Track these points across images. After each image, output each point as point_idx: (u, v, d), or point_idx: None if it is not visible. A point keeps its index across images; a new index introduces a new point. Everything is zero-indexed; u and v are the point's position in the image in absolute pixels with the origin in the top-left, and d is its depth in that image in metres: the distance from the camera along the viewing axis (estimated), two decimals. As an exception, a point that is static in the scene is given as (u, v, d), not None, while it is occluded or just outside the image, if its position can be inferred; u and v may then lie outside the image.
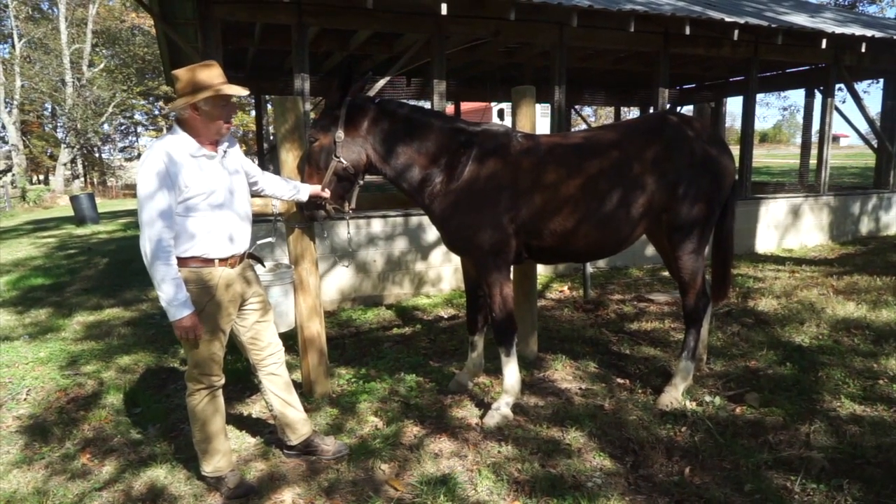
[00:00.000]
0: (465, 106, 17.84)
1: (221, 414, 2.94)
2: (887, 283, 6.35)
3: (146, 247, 2.53)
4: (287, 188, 3.31)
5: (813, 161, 10.96)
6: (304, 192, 3.38)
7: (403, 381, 4.18)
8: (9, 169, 29.21)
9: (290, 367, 3.79)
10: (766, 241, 9.08)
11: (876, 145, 10.32)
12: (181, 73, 2.67)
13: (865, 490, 2.74)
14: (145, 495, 2.95)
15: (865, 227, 10.02)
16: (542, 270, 7.46)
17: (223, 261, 2.75)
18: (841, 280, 6.60)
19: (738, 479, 2.88)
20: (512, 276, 3.93)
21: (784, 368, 4.18)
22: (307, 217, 3.63)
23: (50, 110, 31.25)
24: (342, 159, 3.40)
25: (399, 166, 3.52)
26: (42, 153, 32.59)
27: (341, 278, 6.40)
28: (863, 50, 8.45)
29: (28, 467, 3.25)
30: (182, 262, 2.64)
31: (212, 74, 2.66)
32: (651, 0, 7.74)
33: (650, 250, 7.70)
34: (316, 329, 3.90)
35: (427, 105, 6.83)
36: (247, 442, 3.45)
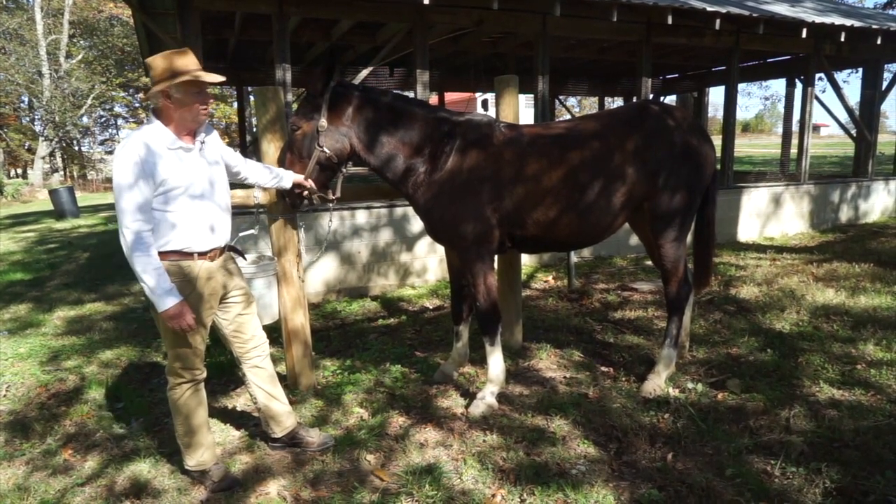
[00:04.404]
0: (450, 96, 17.78)
1: (204, 407, 2.92)
2: (865, 269, 6.45)
3: (125, 239, 2.50)
4: (269, 176, 3.26)
5: (794, 150, 11.08)
6: (287, 179, 3.33)
7: (389, 371, 4.18)
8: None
9: (275, 360, 3.76)
10: (748, 229, 9.18)
11: (855, 134, 10.45)
12: (152, 61, 2.61)
13: (843, 473, 2.79)
14: (129, 490, 2.93)
15: (845, 215, 10.16)
16: (527, 260, 7.49)
17: (203, 254, 2.72)
18: (821, 267, 6.69)
19: (720, 464, 2.92)
20: (496, 265, 3.94)
21: (765, 355, 4.23)
22: (290, 206, 3.60)
23: (27, 102, 30.64)
24: (325, 148, 3.37)
25: (383, 156, 3.49)
26: (19, 146, 31.97)
27: (326, 270, 6.37)
28: (842, 39, 8.53)
29: (8, 464, 3.21)
30: (162, 255, 2.61)
31: (185, 62, 2.60)
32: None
33: (634, 240, 7.75)
34: (300, 321, 3.88)
35: (411, 95, 6.80)
36: (231, 435, 3.43)
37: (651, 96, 9.86)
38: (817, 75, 9.42)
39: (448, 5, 6.45)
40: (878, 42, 8.76)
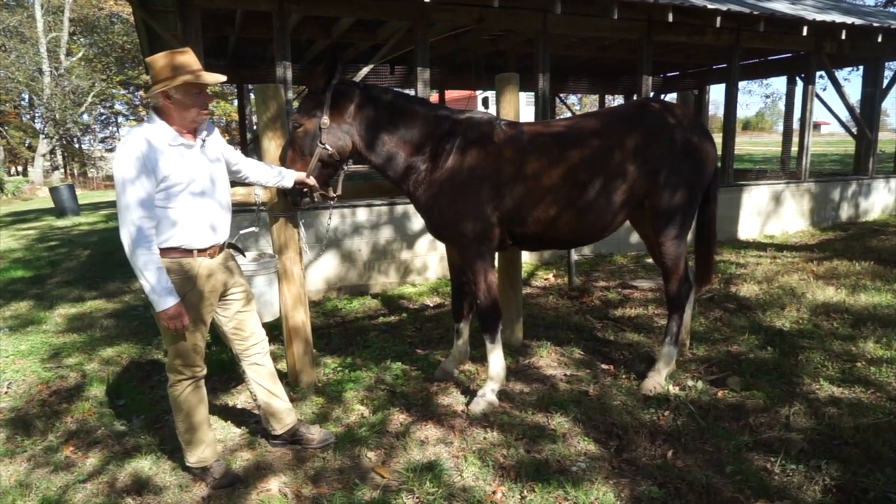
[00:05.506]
0: (450, 94, 17.77)
1: (205, 404, 2.92)
2: (866, 267, 6.45)
3: (127, 234, 2.49)
4: (271, 174, 3.26)
5: (795, 148, 11.07)
6: (289, 178, 3.33)
7: (389, 369, 4.19)
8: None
9: (276, 357, 3.78)
10: (749, 227, 9.18)
11: (856, 132, 10.44)
12: (153, 60, 2.62)
13: (843, 470, 2.80)
14: (130, 487, 2.94)
15: (845, 212, 10.16)
16: (528, 258, 7.49)
17: (202, 251, 2.73)
18: (821, 265, 6.70)
19: (720, 461, 2.93)
20: (497, 263, 3.94)
21: (765, 352, 4.24)
22: (291, 203, 3.61)
23: (27, 100, 30.63)
24: (327, 146, 3.37)
25: (384, 153, 3.49)
26: (20, 144, 31.98)
27: (327, 267, 6.38)
28: (843, 37, 8.52)
29: (10, 460, 3.22)
30: (162, 251, 2.61)
31: (185, 61, 2.60)
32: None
33: (635, 237, 7.75)
34: (301, 318, 3.89)
35: (411, 93, 6.80)
36: (232, 432, 3.44)
37: (651, 94, 9.84)
38: (818, 73, 9.41)
39: (449, 3, 6.45)
40: (879, 40, 8.75)
